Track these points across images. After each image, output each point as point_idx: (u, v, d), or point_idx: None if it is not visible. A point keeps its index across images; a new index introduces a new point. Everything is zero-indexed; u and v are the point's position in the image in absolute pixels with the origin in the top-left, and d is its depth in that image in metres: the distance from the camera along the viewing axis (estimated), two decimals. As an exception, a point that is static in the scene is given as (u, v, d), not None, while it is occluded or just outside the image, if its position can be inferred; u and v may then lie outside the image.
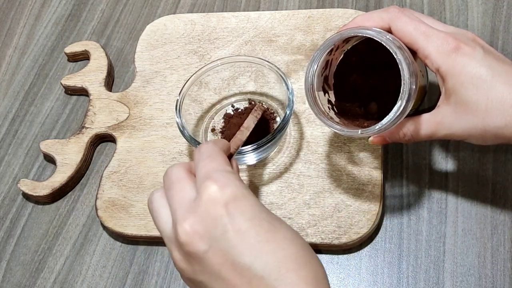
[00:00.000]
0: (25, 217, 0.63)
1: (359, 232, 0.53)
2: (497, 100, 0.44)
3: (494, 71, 0.45)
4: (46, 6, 0.80)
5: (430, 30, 0.47)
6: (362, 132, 0.47)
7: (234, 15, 0.70)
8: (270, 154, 0.59)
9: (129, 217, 0.58)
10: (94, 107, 0.66)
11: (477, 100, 0.45)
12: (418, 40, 0.47)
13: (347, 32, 0.48)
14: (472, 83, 0.45)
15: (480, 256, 0.52)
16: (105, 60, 0.70)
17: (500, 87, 0.44)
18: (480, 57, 0.45)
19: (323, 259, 0.54)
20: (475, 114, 0.45)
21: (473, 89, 0.45)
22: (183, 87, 0.59)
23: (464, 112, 0.45)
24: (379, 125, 0.46)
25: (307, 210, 0.55)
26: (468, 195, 0.55)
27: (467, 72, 0.45)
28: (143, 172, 0.61)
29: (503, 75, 0.45)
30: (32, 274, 0.59)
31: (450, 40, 0.46)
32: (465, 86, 0.45)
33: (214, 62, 0.60)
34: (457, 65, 0.45)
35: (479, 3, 0.66)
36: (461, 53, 0.46)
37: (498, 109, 0.44)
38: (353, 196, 0.55)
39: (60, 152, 0.64)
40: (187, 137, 0.56)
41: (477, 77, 0.45)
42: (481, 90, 0.44)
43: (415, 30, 0.47)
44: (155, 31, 0.71)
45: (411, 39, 0.47)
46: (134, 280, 0.57)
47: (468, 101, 0.45)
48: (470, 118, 0.45)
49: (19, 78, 0.73)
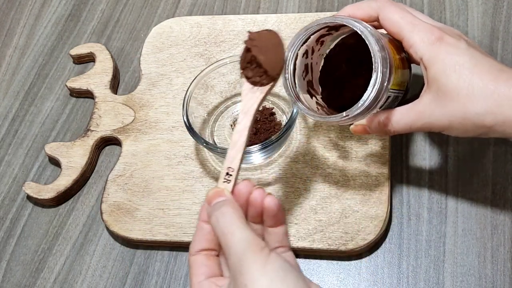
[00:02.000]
0: (25, 217, 0.63)
1: (366, 238, 0.53)
2: (478, 86, 0.44)
3: (477, 61, 0.45)
4: (46, 6, 0.80)
5: (416, 20, 0.47)
6: (346, 114, 0.46)
7: (240, 18, 0.70)
8: (277, 153, 0.59)
9: (134, 221, 0.58)
10: (100, 110, 0.66)
11: (458, 86, 0.44)
12: (404, 29, 0.47)
13: (323, 20, 0.48)
14: (454, 70, 0.45)
15: (480, 256, 0.52)
16: (110, 63, 0.70)
17: (482, 75, 0.44)
18: (464, 48, 0.46)
19: (323, 259, 0.54)
20: (456, 101, 0.44)
21: (455, 76, 0.44)
22: (190, 84, 0.59)
23: (445, 99, 0.45)
24: (361, 102, 0.45)
25: (313, 216, 0.55)
26: (468, 195, 0.55)
27: (450, 59, 0.45)
28: (148, 176, 0.61)
29: (486, 64, 0.45)
30: (32, 274, 0.59)
31: (435, 31, 0.46)
32: (447, 73, 0.45)
33: (222, 60, 0.60)
34: (440, 53, 0.45)
35: (479, 3, 0.66)
36: (445, 43, 0.46)
37: (480, 95, 0.44)
38: (360, 201, 0.55)
39: (65, 155, 0.64)
40: (194, 135, 0.56)
41: (460, 65, 0.45)
42: (463, 76, 0.44)
43: (401, 19, 0.47)
44: (161, 33, 0.71)
45: (397, 28, 0.48)
46: (134, 280, 0.57)
47: (450, 87, 0.45)
48: (450, 105, 0.45)
49: (19, 78, 0.73)
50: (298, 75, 0.51)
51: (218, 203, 0.43)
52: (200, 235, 0.44)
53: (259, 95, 0.47)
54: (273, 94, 0.62)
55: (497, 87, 0.43)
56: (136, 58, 0.72)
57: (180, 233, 0.56)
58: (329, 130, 0.59)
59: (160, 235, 0.57)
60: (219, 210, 0.42)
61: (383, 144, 0.57)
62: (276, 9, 0.72)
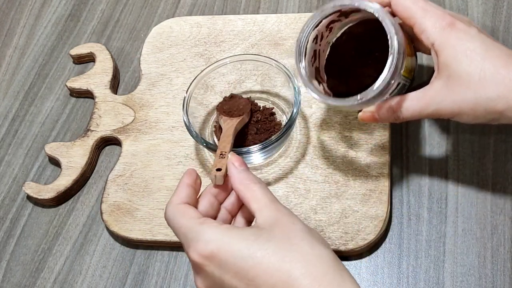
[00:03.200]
0: (25, 217, 0.63)
1: (366, 238, 0.53)
2: (490, 71, 0.44)
3: (488, 46, 0.45)
4: (46, 6, 0.80)
5: (428, 6, 0.48)
6: (360, 97, 0.46)
7: (240, 18, 0.70)
8: (277, 153, 0.59)
9: (134, 221, 0.58)
10: (100, 110, 0.66)
11: (470, 72, 0.44)
12: (416, 14, 0.47)
13: (339, 2, 0.48)
14: (466, 55, 0.45)
15: (480, 256, 0.52)
16: (110, 63, 0.70)
17: (493, 60, 0.44)
18: (475, 33, 0.46)
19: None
20: (467, 86, 0.45)
21: (467, 61, 0.45)
22: (190, 84, 0.59)
23: (456, 84, 0.45)
24: (376, 85, 0.46)
25: (313, 216, 0.55)
26: (468, 195, 0.55)
27: (461, 45, 0.45)
28: (148, 176, 0.61)
29: (496, 50, 0.45)
30: (32, 274, 0.59)
31: (446, 17, 0.47)
32: (458, 59, 0.45)
33: (222, 60, 0.60)
34: (452, 39, 0.46)
35: (479, 3, 0.66)
36: (456, 28, 0.46)
37: (491, 80, 0.44)
38: (360, 201, 0.55)
39: (65, 155, 0.64)
40: (194, 135, 0.56)
41: (471, 50, 0.45)
42: (474, 62, 0.44)
43: (413, 4, 0.48)
44: (161, 33, 0.71)
45: (409, 13, 0.48)
46: (134, 280, 0.57)
47: (461, 73, 0.45)
48: (462, 90, 0.45)
49: (19, 78, 0.73)
50: (308, 60, 0.51)
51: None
52: (189, 192, 0.46)
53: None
54: (273, 94, 0.62)
55: (509, 72, 0.44)
56: (136, 58, 0.72)
57: (180, 233, 0.56)
58: (329, 130, 0.59)
59: (160, 235, 0.57)
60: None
61: (383, 144, 0.57)
62: (276, 9, 0.72)
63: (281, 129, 0.55)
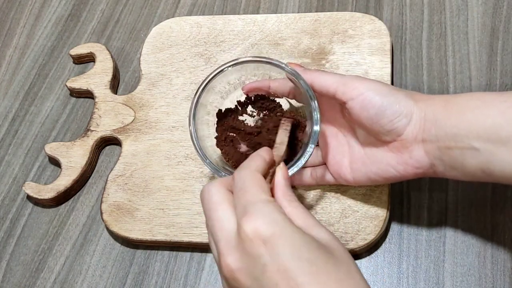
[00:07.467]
0: (25, 217, 0.63)
1: (366, 238, 0.53)
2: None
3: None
4: (46, 6, 0.80)
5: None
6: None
7: (241, 18, 0.70)
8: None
9: (134, 221, 0.58)
10: (100, 110, 0.66)
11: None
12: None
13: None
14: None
15: (480, 256, 0.52)
16: (110, 63, 0.70)
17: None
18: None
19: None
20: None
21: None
22: (199, 94, 0.55)
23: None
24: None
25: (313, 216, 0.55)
26: (468, 195, 0.55)
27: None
28: (148, 176, 0.61)
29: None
30: (32, 274, 0.59)
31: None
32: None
33: (225, 65, 0.58)
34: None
35: (479, 3, 0.66)
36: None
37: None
38: (360, 201, 0.55)
39: (65, 155, 0.64)
40: (196, 146, 0.53)
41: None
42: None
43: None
44: (161, 33, 0.71)
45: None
46: (134, 280, 0.57)
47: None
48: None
49: (19, 78, 0.73)
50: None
51: None
52: (265, 168, 0.44)
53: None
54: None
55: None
56: (136, 58, 0.72)
57: (180, 233, 0.56)
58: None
59: (160, 235, 0.57)
60: None
61: (383, 144, 0.57)
62: (276, 9, 0.72)
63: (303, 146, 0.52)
